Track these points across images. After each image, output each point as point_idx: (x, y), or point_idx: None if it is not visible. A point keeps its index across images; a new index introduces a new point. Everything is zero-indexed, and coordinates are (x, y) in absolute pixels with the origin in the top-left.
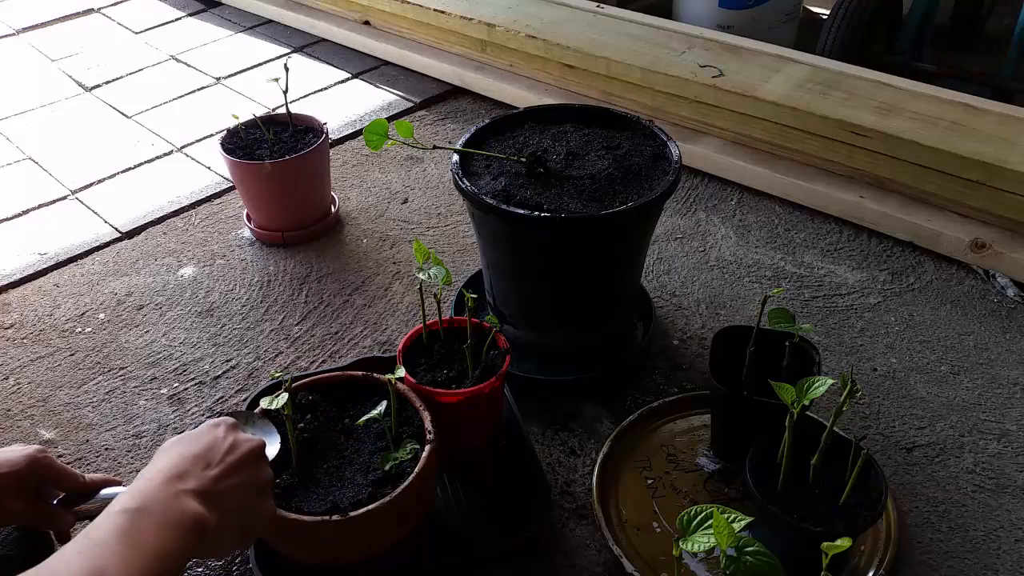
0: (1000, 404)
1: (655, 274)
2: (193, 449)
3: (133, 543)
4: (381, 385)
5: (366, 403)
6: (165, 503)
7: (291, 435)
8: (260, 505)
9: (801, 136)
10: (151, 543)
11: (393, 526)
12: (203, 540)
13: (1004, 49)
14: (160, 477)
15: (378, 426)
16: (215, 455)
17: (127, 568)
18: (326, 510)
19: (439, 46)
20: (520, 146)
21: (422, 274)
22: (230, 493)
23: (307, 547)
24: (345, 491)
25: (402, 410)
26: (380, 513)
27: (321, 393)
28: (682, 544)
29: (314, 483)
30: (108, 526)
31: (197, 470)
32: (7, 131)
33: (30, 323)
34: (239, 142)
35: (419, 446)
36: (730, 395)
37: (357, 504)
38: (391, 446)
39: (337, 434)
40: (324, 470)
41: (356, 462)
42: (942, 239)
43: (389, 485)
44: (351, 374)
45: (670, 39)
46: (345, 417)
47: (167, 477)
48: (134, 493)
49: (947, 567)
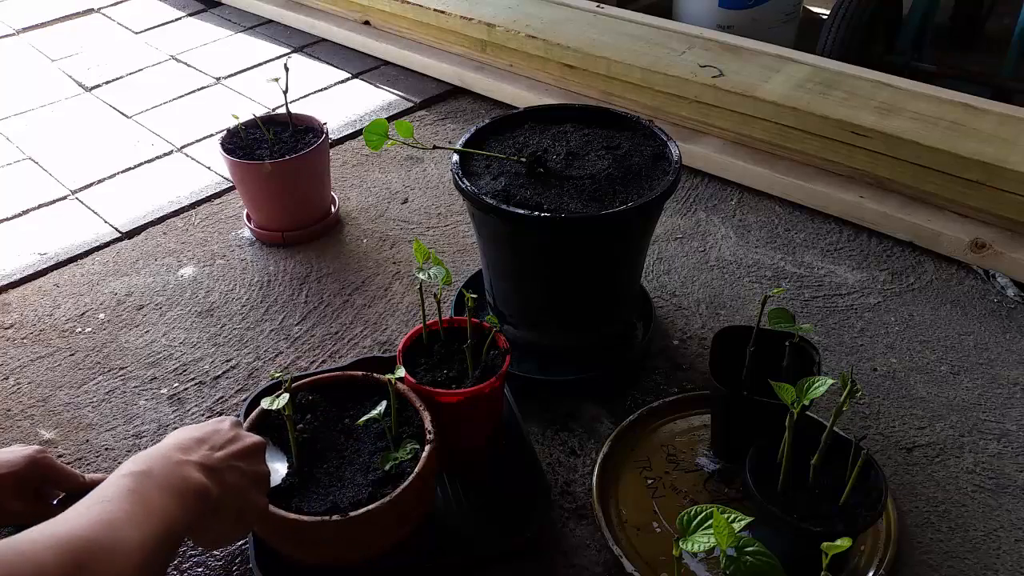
0: (1000, 404)
1: (655, 274)
2: (197, 433)
3: (139, 501)
4: (381, 385)
5: (366, 403)
6: (170, 469)
7: (291, 435)
8: (256, 496)
9: (801, 136)
10: (156, 504)
11: (393, 526)
12: (203, 512)
13: (1004, 49)
14: (164, 449)
15: (378, 426)
16: (218, 440)
17: (134, 523)
18: (326, 510)
19: (439, 46)
20: (520, 146)
21: (422, 274)
22: (230, 473)
23: (307, 547)
24: (345, 491)
25: (402, 410)
26: (380, 513)
27: (321, 393)
28: (682, 544)
29: (314, 483)
30: (114, 487)
31: (201, 449)
32: (7, 131)
33: (30, 323)
34: (239, 142)
35: (419, 446)
36: (730, 395)
37: (357, 504)
38: (391, 446)
39: (337, 434)
40: (324, 470)
41: (356, 462)
42: (942, 239)
43: (389, 485)
44: (351, 374)
45: (670, 39)
46: (345, 417)
47: (171, 448)
48: (139, 459)
49: (947, 567)
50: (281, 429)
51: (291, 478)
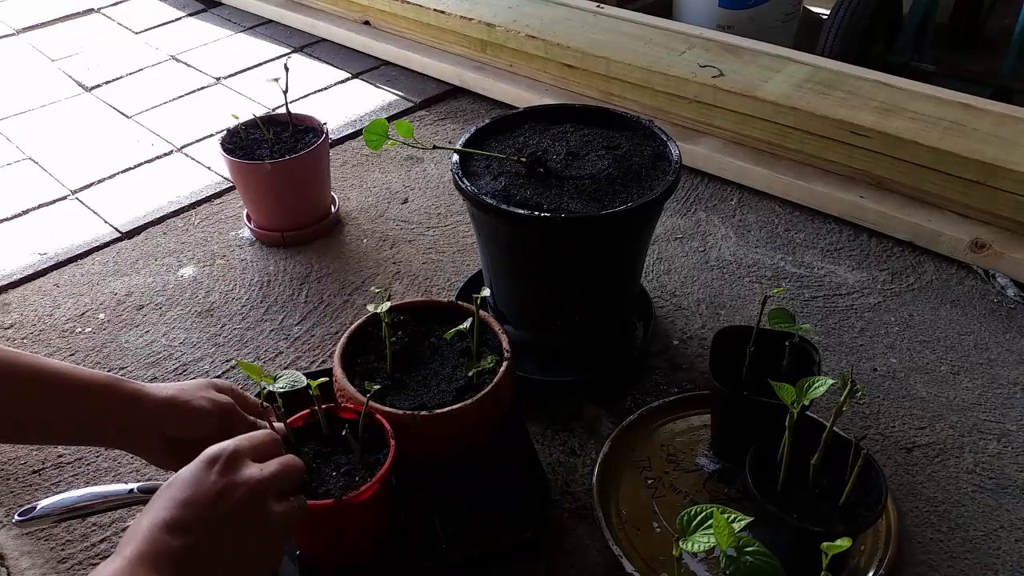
0: (1000, 404)
1: (655, 274)
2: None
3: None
4: (464, 313)
5: (449, 328)
6: None
7: (387, 343)
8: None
9: (801, 136)
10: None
11: (471, 428)
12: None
13: (1004, 49)
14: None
15: (460, 345)
16: (197, 513)
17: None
18: (415, 407)
19: (439, 46)
20: (520, 146)
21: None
22: (212, 560)
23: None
24: (431, 395)
25: (482, 332)
26: (462, 414)
27: (411, 315)
28: (682, 544)
29: (404, 387)
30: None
31: (175, 540)
32: (7, 131)
33: (30, 323)
34: (239, 142)
35: (499, 358)
36: (730, 395)
37: (442, 405)
38: (474, 360)
39: (424, 349)
40: (412, 377)
41: (441, 373)
42: (942, 239)
43: (470, 393)
44: (437, 301)
45: (670, 39)
46: (431, 336)
47: (139, 555)
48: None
49: (947, 567)
50: (376, 342)
51: (386, 381)
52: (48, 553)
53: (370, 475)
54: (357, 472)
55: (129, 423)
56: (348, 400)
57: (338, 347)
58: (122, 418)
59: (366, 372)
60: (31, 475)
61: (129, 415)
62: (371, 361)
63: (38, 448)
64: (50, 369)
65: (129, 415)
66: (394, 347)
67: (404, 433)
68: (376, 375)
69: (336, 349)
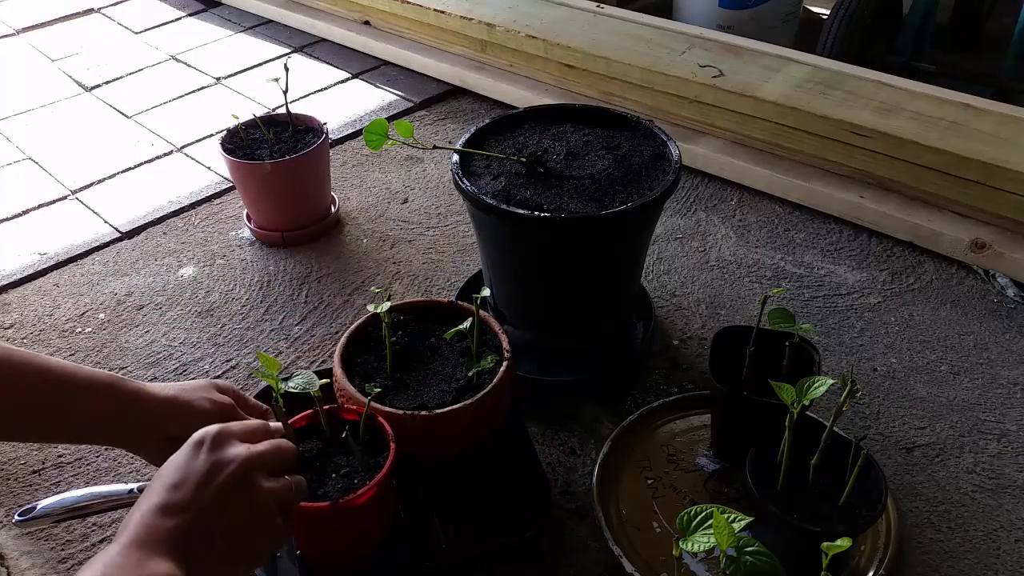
0: (1000, 404)
1: (655, 274)
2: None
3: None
4: (463, 313)
5: (449, 327)
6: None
7: (387, 343)
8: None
9: (801, 136)
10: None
11: (471, 427)
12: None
13: (1004, 49)
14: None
15: (460, 345)
16: (186, 493)
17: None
18: (415, 407)
19: (439, 46)
20: (520, 146)
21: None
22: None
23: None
24: (431, 395)
25: (482, 332)
26: (462, 413)
27: (411, 315)
28: (682, 544)
29: (404, 387)
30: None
31: (167, 521)
32: (7, 131)
33: (30, 323)
34: (239, 142)
35: (499, 358)
36: (730, 395)
37: (442, 405)
38: (474, 360)
39: (424, 349)
40: (413, 377)
41: (441, 373)
42: (942, 239)
43: (470, 392)
44: (437, 300)
45: (670, 39)
46: (431, 336)
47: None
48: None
49: (947, 567)
50: (377, 342)
51: (386, 380)
52: (48, 553)
53: (369, 478)
54: (357, 474)
55: (130, 423)
56: (348, 400)
57: (338, 347)
58: (123, 418)
59: (366, 372)
60: (31, 475)
61: (130, 415)
62: (371, 361)
63: (38, 448)
64: (52, 368)
65: (130, 415)
66: (394, 347)
67: (404, 433)
68: (376, 375)
69: (336, 349)
